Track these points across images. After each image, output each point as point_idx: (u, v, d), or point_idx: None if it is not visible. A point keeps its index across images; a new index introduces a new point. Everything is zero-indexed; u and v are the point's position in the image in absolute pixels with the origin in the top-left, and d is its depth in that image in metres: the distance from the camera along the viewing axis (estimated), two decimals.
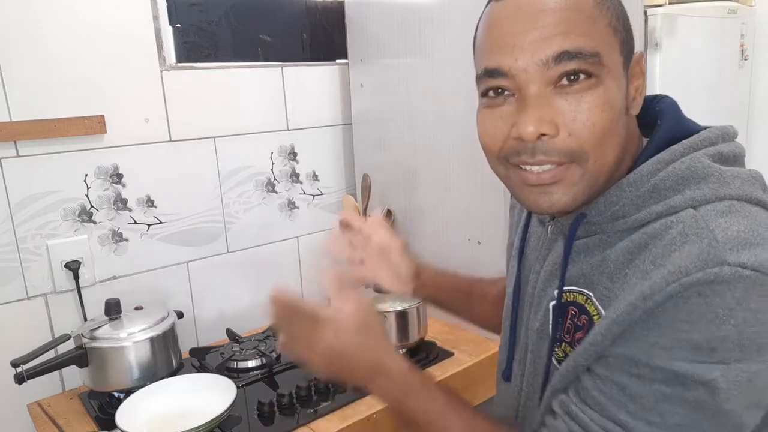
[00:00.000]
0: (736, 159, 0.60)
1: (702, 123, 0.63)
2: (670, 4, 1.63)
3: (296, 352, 0.69)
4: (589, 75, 0.55)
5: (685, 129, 0.61)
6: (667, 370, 0.52)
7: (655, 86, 1.64)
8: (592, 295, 0.60)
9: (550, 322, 0.66)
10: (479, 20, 0.62)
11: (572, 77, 0.55)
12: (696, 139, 0.59)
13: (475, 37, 0.63)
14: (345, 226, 0.91)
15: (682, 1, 1.73)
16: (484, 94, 0.61)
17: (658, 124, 0.62)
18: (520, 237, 0.77)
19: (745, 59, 1.98)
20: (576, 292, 0.62)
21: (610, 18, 0.57)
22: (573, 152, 0.56)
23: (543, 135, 0.55)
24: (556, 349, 0.65)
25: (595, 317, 0.59)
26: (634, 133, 0.63)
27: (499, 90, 0.59)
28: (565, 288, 0.64)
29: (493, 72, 0.58)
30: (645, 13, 1.60)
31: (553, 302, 0.65)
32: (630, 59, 0.60)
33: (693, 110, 0.65)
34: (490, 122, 0.60)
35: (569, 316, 0.63)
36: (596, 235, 0.61)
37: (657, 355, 0.52)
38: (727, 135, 0.61)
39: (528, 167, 0.58)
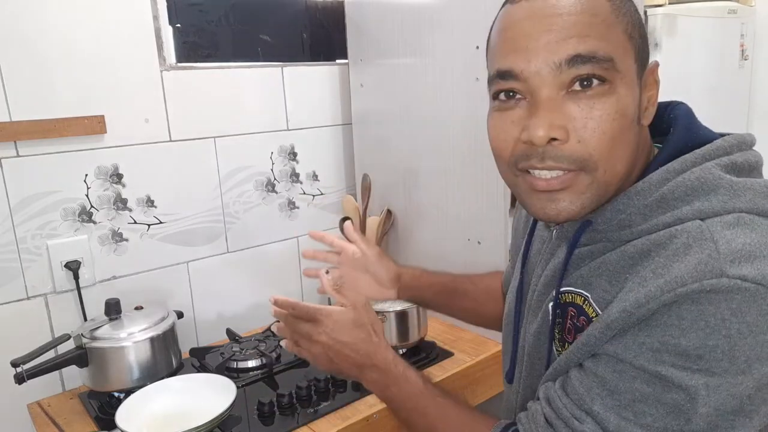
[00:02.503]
0: (751, 168, 0.58)
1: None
2: (670, 4, 1.63)
3: (298, 350, 0.79)
4: (602, 81, 0.54)
5: (699, 137, 0.59)
6: (650, 370, 0.52)
7: None
8: (589, 296, 0.60)
9: (548, 322, 0.66)
10: (493, 22, 0.61)
11: (585, 83, 0.54)
12: (709, 149, 0.57)
13: (488, 40, 0.62)
14: (319, 241, 0.95)
15: (682, 1, 1.73)
16: (495, 97, 0.60)
17: (671, 132, 0.61)
18: (526, 241, 0.77)
19: (745, 59, 1.98)
20: (574, 293, 0.62)
21: (626, 24, 0.56)
22: (582, 160, 0.55)
23: (553, 140, 0.55)
24: (557, 349, 0.65)
25: (594, 318, 0.58)
26: (645, 143, 0.61)
27: (511, 93, 0.58)
28: (563, 289, 0.64)
29: (505, 74, 0.57)
30: (645, 13, 1.60)
31: (552, 303, 0.65)
32: (644, 68, 0.58)
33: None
34: (501, 126, 0.59)
35: (569, 317, 0.63)
36: (601, 243, 0.61)
37: (642, 356, 0.52)
38: (744, 144, 0.59)
39: (537, 172, 0.57)
